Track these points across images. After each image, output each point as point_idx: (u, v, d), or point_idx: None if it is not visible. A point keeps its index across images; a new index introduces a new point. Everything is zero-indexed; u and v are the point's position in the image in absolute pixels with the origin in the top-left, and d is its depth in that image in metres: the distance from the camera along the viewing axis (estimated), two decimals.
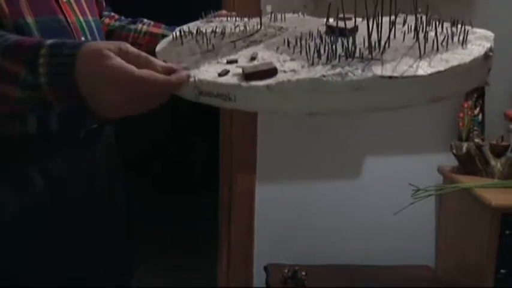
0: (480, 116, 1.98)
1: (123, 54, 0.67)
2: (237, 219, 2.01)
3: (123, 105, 0.69)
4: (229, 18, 1.04)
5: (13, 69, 0.70)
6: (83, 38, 0.99)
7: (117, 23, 1.23)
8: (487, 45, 0.75)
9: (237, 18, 1.06)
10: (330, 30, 0.83)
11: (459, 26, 0.81)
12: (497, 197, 1.65)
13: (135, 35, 1.21)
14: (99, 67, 0.66)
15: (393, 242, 2.02)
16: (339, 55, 0.69)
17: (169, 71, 0.69)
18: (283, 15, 1.02)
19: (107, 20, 1.22)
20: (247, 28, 0.94)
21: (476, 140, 1.85)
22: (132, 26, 1.22)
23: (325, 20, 1.05)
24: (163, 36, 1.18)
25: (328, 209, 2.03)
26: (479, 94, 1.98)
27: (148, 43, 1.17)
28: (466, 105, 1.95)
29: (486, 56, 0.72)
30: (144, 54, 0.70)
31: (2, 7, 0.87)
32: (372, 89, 0.64)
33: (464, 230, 1.84)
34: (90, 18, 1.04)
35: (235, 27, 0.94)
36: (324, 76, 0.65)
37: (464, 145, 1.82)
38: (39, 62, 0.70)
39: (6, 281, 0.91)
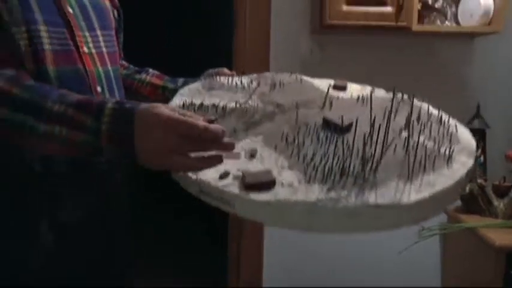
0: (482, 157, 2.03)
1: (170, 108, 0.79)
2: (246, 259, 2.07)
3: (165, 151, 0.77)
4: (229, 81, 1.09)
5: (82, 118, 0.81)
6: (98, 87, 1.05)
7: (124, 71, 1.29)
8: (469, 163, 0.79)
9: (238, 82, 1.09)
10: (326, 124, 0.87)
11: (446, 121, 0.90)
12: (501, 236, 1.67)
13: (138, 84, 1.27)
14: (152, 115, 0.77)
15: (398, 281, 2.04)
16: (334, 173, 0.73)
17: (209, 121, 0.78)
18: (281, 81, 1.07)
19: None
20: (249, 103, 0.98)
21: (479, 181, 1.87)
22: (137, 76, 1.28)
23: (321, 85, 1.11)
24: (163, 88, 1.25)
25: (333, 248, 2.07)
26: (480, 136, 2.03)
27: (150, 93, 1.25)
28: None
29: (467, 174, 0.77)
30: (189, 112, 0.81)
31: (27, 55, 0.94)
32: (363, 214, 0.68)
33: (469, 269, 1.85)
34: (109, 67, 1.10)
35: (236, 104, 0.97)
36: (319, 200, 0.68)
37: (468, 185, 1.85)
38: (105, 113, 0.80)
39: (6, 282, 0.94)
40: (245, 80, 1.10)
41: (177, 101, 1.00)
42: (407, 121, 0.88)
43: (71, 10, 1.03)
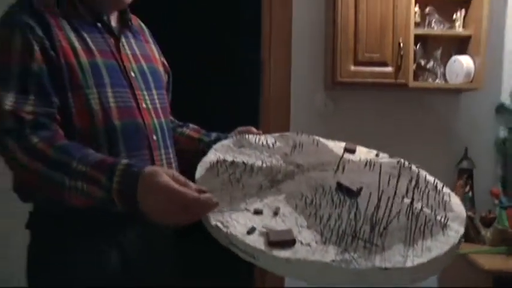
0: (470, 193, 2.22)
1: (171, 176, 0.86)
2: None
3: (164, 213, 0.85)
4: (256, 140, 1.14)
5: (98, 177, 0.90)
6: (154, 136, 1.13)
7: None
8: (461, 231, 0.85)
9: (264, 141, 1.12)
10: (340, 187, 0.92)
11: (440, 189, 0.95)
12: (489, 261, 1.83)
13: (179, 136, 1.33)
14: (152, 183, 0.85)
15: None
16: (347, 236, 0.77)
17: (200, 192, 0.86)
18: (301, 142, 1.12)
19: None
20: (273, 162, 1.02)
21: (469, 213, 2.02)
22: (179, 129, 1.35)
23: (334, 147, 1.16)
24: (199, 140, 1.31)
25: None
26: (468, 175, 2.23)
27: (187, 144, 1.32)
28: (458, 184, 2.21)
29: (460, 241, 0.82)
30: (184, 179, 0.88)
31: (98, 113, 1.04)
32: (371, 276, 0.72)
33: None
34: (162, 120, 1.18)
35: (262, 163, 1.01)
36: (334, 261, 0.73)
37: None
38: (115, 174, 0.89)
39: None
40: (270, 140, 1.14)
41: (211, 156, 1.05)
42: (408, 189, 0.91)
43: (133, 74, 1.13)
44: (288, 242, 0.76)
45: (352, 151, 1.15)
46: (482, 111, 2.33)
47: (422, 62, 2.25)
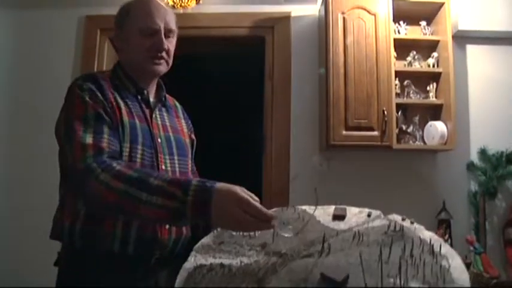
0: (449, 241, 2.32)
1: (242, 191, 0.93)
2: None
3: (232, 218, 0.91)
4: (238, 232, 1.03)
5: (174, 191, 0.96)
6: None
7: None
8: None
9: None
10: (323, 279, 0.79)
11: (438, 253, 0.82)
12: None
13: None
14: (228, 193, 0.92)
15: None
16: None
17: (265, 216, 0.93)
18: (286, 220, 1.04)
19: None
20: (254, 257, 0.92)
21: None
22: None
23: (321, 216, 1.08)
24: None
25: None
26: (447, 225, 2.38)
27: None
28: (438, 233, 2.29)
29: None
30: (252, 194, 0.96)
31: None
32: None
33: None
34: None
35: (240, 262, 0.91)
36: None
37: None
38: (191, 188, 0.95)
39: None
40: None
41: (191, 260, 0.95)
42: (401, 262, 0.79)
43: (159, 140, 1.24)
44: None
45: (342, 217, 1.06)
46: (456, 168, 2.48)
47: (404, 127, 2.41)
